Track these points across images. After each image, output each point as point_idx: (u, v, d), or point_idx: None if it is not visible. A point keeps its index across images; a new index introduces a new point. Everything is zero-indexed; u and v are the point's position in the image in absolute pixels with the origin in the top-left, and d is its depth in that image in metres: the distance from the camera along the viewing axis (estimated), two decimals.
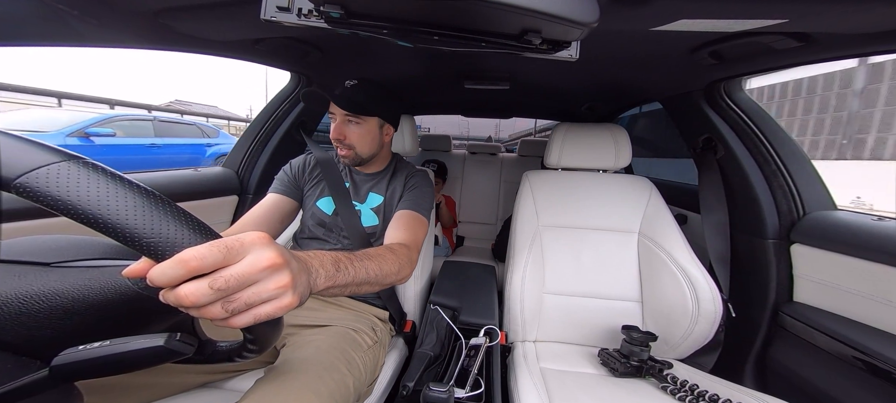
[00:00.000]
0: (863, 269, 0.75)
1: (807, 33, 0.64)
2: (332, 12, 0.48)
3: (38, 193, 0.24)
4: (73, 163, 0.26)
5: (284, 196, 0.87)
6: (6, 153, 0.25)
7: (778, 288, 0.93)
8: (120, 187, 0.26)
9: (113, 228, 0.25)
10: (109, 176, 0.26)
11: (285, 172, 0.91)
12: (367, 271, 0.53)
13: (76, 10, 0.63)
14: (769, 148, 0.96)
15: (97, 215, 0.25)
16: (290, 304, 0.33)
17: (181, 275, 0.27)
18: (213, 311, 0.28)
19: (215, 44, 0.87)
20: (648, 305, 0.95)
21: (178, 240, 0.27)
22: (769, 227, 0.94)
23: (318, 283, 0.42)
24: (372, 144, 0.85)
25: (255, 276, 0.30)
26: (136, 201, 0.26)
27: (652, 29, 0.66)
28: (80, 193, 0.25)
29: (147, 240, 0.26)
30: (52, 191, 0.24)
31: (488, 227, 2.23)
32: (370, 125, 0.84)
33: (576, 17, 0.44)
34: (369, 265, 0.54)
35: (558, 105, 1.71)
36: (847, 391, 0.74)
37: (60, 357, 0.28)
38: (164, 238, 0.27)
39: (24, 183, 0.24)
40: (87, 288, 0.31)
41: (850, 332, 0.75)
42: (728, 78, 0.97)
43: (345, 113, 0.81)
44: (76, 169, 0.25)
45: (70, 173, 0.25)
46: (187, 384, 0.62)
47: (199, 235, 0.28)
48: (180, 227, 0.27)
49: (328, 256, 0.46)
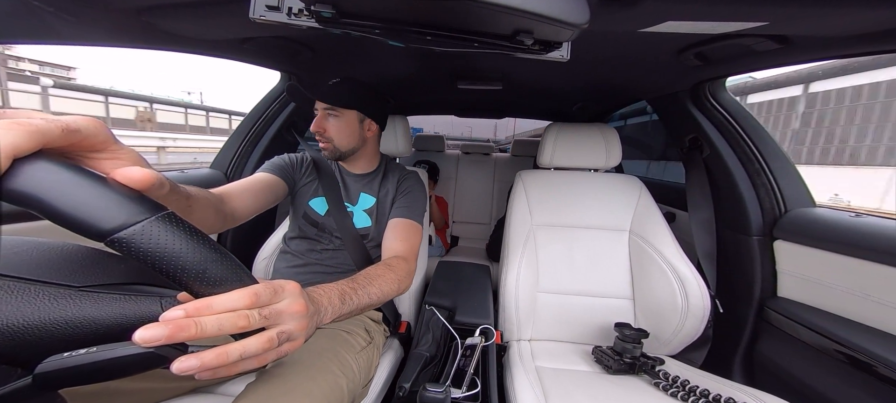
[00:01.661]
0: (842, 264, 0.78)
1: (786, 36, 0.66)
2: (323, 12, 0.48)
3: (132, 247, 0.27)
4: (161, 220, 0.29)
5: (279, 178, 0.84)
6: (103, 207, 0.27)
7: (762, 284, 0.96)
8: (201, 243, 0.30)
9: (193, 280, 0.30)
10: (191, 232, 0.30)
11: (284, 159, 0.90)
12: (369, 296, 0.59)
13: (51, 7, 0.61)
14: (752, 147, 0.99)
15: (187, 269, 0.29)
16: (299, 345, 0.38)
17: (246, 304, 0.32)
18: (262, 341, 0.33)
19: (201, 43, 0.85)
20: (640, 302, 0.97)
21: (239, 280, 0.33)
22: (753, 224, 0.97)
23: (324, 319, 0.47)
24: (351, 137, 0.86)
25: (287, 318, 0.36)
26: (214, 256, 0.31)
27: (640, 30, 0.67)
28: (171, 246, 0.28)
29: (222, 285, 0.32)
30: (144, 245, 0.27)
31: (482, 227, 2.24)
32: (349, 118, 0.85)
33: (567, 18, 0.45)
34: (371, 290, 0.60)
35: (550, 105, 1.73)
36: (830, 383, 0.77)
37: (44, 364, 0.27)
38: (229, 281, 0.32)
39: (120, 238, 0.26)
40: (123, 317, 0.31)
41: (831, 326, 0.77)
42: (712, 79, 0.99)
43: (324, 107, 0.84)
44: (164, 225, 0.28)
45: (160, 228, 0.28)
46: (177, 389, 0.61)
47: (251, 278, 0.34)
48: (240, 272, 0.33)
49: (335, 291, 0.51)
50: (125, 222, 0.26)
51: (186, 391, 0.62)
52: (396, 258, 0.74)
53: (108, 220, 0.26)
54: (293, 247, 0.89)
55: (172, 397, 0.60)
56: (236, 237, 1.22)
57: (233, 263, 0.32)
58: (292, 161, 0.91)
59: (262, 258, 0.99)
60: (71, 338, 0.29)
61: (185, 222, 0.30)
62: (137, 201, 0.28)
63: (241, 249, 1.19)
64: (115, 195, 0.27)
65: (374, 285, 0.62)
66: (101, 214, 0.26)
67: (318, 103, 0.84)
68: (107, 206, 0.26)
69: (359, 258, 0.84)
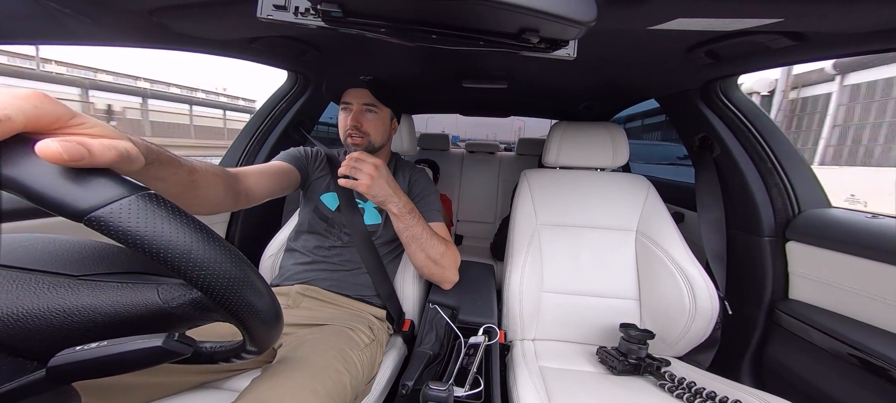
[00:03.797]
0: (857, 266, 0.76)
1: (802, 32, 0.64)
2: (330, 11, 0.48)
3: (110, 226, 0.25)
4: (141, 197, 0.27)
5: (294, 168, 0.86)
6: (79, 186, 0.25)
7: (773, 285, 0.94)
8: (185, 223, 0.28)
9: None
10: (174, 211, 0.28)
11: (299, 150, 0.92)
12: (423, 229, 0.79)
13: (69, 9, 0.62)
14: (765, 146, 0.97)
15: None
16: (362, 186, 0.72)
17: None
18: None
19: (211, 42, 0.86)
20: (646, 303, 0.95)
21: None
22: (765, 225, 0.95)
23: (393, 203, 0.76)
24: (384, 134, 0.90)
25: (366, 166, 0.72)
26: (199, 236, 0.29)
27: (649, 28, 0.66)
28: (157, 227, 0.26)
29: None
30: (124, 225, 0.26)
31: (487, 225, 2.23)
32: (384, 116, 0.89)
33: (573, 15, 0.44)
34: (427, 230, 0.79)
35: (556, 104, 1.72)
36: (842, 387, 0.75)
37: (57, 357, 0.28)
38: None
39: (97, 217, 0.25)
40: (120, 304, 0.31)
41: (845, 329, 0.76)
42: (724, 77, 0.97)
43: (364, 102, 0.86)
44: (145, 203, 0.27)
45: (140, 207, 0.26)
46: (185, 384, 0.62)
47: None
48: (230, 253, 0.31)
49: (409, 200, 0.79)
50: (103, 200, 0.25)
51: (194, 385, 0.63)
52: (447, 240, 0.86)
53: (84, 199, 0.25)
54: (301, 242, 0.90)
55: (180, 391, 0.61)
56: (243, 234, 1.23)
57: (221, 243, 0.30)
58: (307, 154, 0.92)
59: (269, 255, 1.00)
60: (69, 327, 0.30)
61: (169, 202, 0.28)
62: (117, 180, 0.27)
63: (247, 245, 1.21)
64: (93, 175, 0.26)
65: (429, 231, 0.80)
66: (79, 193, 0.25)
67: (354, 99, 0.86)
68: (84, 185, 0.25)
69: (367, 255, 0.85)
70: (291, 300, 0.79)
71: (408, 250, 0.81)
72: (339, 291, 0.84)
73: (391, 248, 0.93)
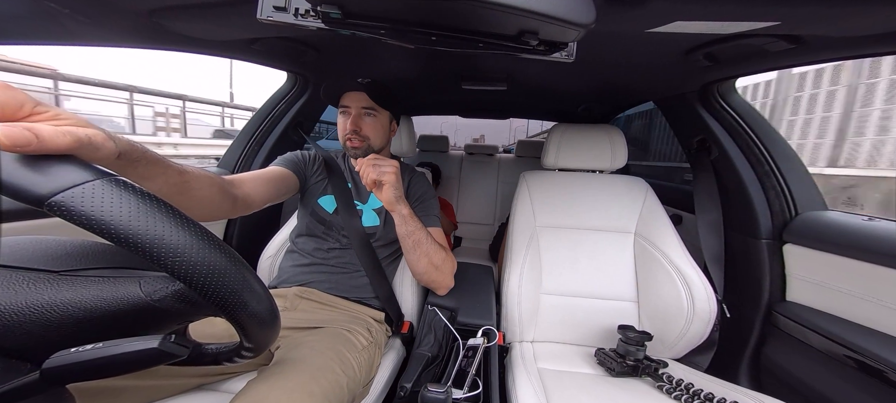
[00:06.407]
0: (854, 269, 0.76)
1: (799, 36, 0.65)
2: (330, 12, 0.48)
3: (72, 212, 0.25)
4: (106, 181, 0.26)
5: (292, 173, 0.85)
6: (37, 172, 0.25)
7: (771, 288, 0.94)
8: (156, 207, 0.27)
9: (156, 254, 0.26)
10: (142, 195, 0.27)
11: (296, 155, 0.91)
12: (426, 234, 0.79)
13: (68, 9, 0.62)
14: (762, 149, 0.97)
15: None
16: (390, 182, 0.72)
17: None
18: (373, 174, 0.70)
19: (210, 43, 0.86)
20: (644, 305, 0.96)
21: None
22: (762, 227, 0.95)
23: (404, 204, 0.76)
24: (383, 137, 0.91)
25: (383, 164, 0.72)
26: (173, 221, 0.27)
27: (647, 30, 0.66)
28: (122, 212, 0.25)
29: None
30: (86, 210, 0.25)
31: (486, 227, 2.23)
32: (383, 119, 0.89)
33: (572, 18, 0.45)
34: (427, 235, 0.79)
35: (555, 106, 1.72)
36: (839, 389, 0.75)
37: (52, 359, 0.28)
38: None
39: (57, 202, 0.24)
40: (100, 298, 0.31)
41: (842, 331, 0.76)
42: (722, 80, 0.98)
43: (363, 105, 0.86)
44: (109, 188, 0.26)
45: (104, 191, 0.25)
46: (181, 386, 0.61)
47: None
48: (207, 237, 0.30)
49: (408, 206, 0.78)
50: (63, 185, 0.25)
51: (190, 388, 0.63)
52: (446, 247, 0.84)
53: (44, 184, 0.25)
54: (300, 244, 0.89)
55: (176, 394, 0.61)
56: (241, 236, 1.23)
57: (197, 228, 0.29)
58: (304, 158, 0.92)
59: (267, 257, 1.00)
60: (48, 322, 0.29)
61: (139, 187, 0.27)
62: (80, 166, 0.26)
63: (246, 247, 1.21)
64: (55, 161, 0.26)
65: (429, 236, 0.79)
66: (38, 179, 0.25)
67: (352, 103, 0.86)
68: (44, 170, 0.25)
69: (365, 257, 0.85)
70: (289, 302, 0.79)
71: (410, 255, 0.79)
72: (337, 293, 0.84)
73: (390, 250, 0.93)
